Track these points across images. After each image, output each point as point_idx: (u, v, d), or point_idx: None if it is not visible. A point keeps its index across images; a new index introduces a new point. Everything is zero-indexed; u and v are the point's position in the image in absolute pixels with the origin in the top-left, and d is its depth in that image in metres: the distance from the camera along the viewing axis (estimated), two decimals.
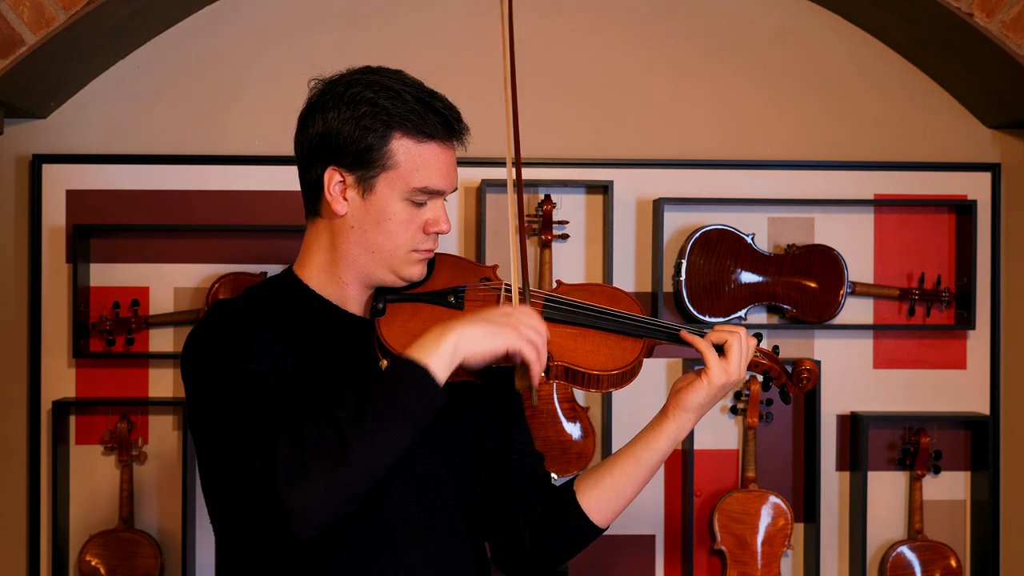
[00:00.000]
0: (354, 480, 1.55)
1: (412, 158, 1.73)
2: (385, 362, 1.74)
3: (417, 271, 1.80)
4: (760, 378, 1.94)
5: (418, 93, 1.75)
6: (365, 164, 1.73)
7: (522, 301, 1.75)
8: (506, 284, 1.85)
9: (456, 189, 1.82)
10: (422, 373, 1.58)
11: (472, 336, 1.62)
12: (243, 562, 1.76)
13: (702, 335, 1.81)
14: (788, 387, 1.92)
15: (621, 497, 1.84)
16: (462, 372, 1.67)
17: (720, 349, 1.79)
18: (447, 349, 1.61)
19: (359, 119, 1.72)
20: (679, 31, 3.18)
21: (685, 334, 1.82)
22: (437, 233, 1.78)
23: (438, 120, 1.75)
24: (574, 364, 1.77)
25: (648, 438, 1.83)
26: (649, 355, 1.85)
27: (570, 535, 1.85)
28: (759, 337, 1.89)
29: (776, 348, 1.93)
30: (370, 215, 1.75)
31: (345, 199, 1.75)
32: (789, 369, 1.92)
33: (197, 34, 3.10)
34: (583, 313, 1.82)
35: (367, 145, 1.72)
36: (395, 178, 1.73)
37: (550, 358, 1.77)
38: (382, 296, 1.80)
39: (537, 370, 1.66)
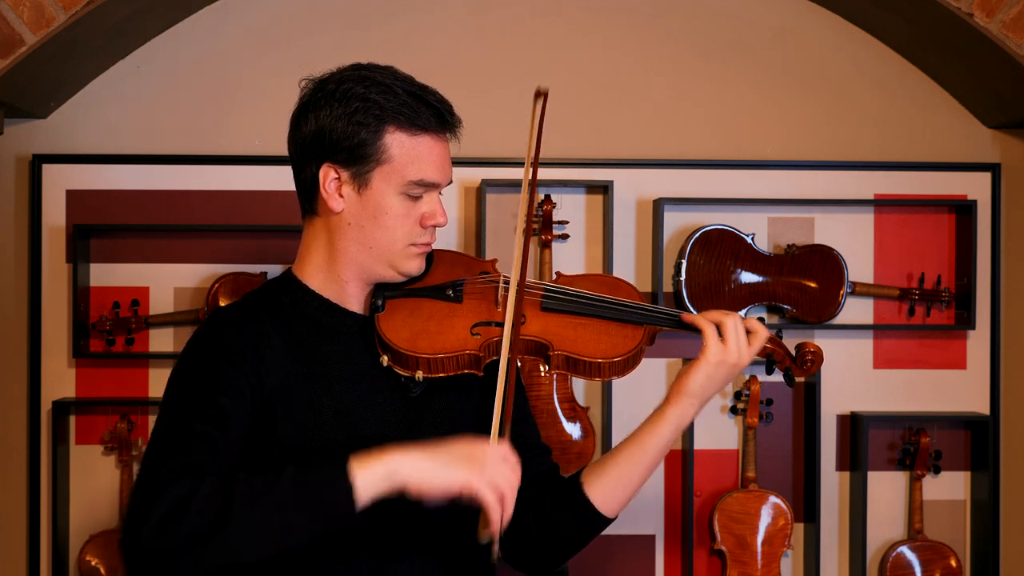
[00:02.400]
0: (216, 553, 1.52)
1: (406, 151, 1.73)
2: (386, 358, 1.75)
3: (416, 265, 1.80)
4: (764, 363, 1.94)
5: (410, 87, 1.75)
6: (359, 159, 1.73)
7: (501, 429, 1.67)
8: (504, 277, 1.85)
9: (451, 182, 1.82)
10: (344, 488, 1.54)
11: (419, 466, 1.56)
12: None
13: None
14: (792, 370, 1.92)
15: (627, 486, 1.84)
16: (416, 497, 1.61)
17: (718, 332, 1.81)
18: (381, 471, 1.55)
19: (351, 115, 1.72)
20: (679, 31, 3.18)
21: (686, 316, 1.83)
22: (434, 226, 1.78)
23: (431, 113, 1.75)
24: (575, 353, 1.77)
25: (651, 425, 1.83)
26: (651, 343, 1.85)
27: (578, 526, 1.85)
28: (761, 322, 1.89)
29: (779, 332, 1.93)
30: (366, 210, 1.75)
31: (341, 196, 1.75)
32: (793, 352, 1.92)
33: (197, 34, 3.11)
34: (582, 302, 1.83)
35: (360, 140, 1.72)
36: (390, 172, 1.73)
37: (550, 347, 1.77)
38: (381, 293, 1.80)
39: (496, 519, 1.57)
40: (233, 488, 1.53)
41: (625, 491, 1.84)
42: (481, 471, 1.57)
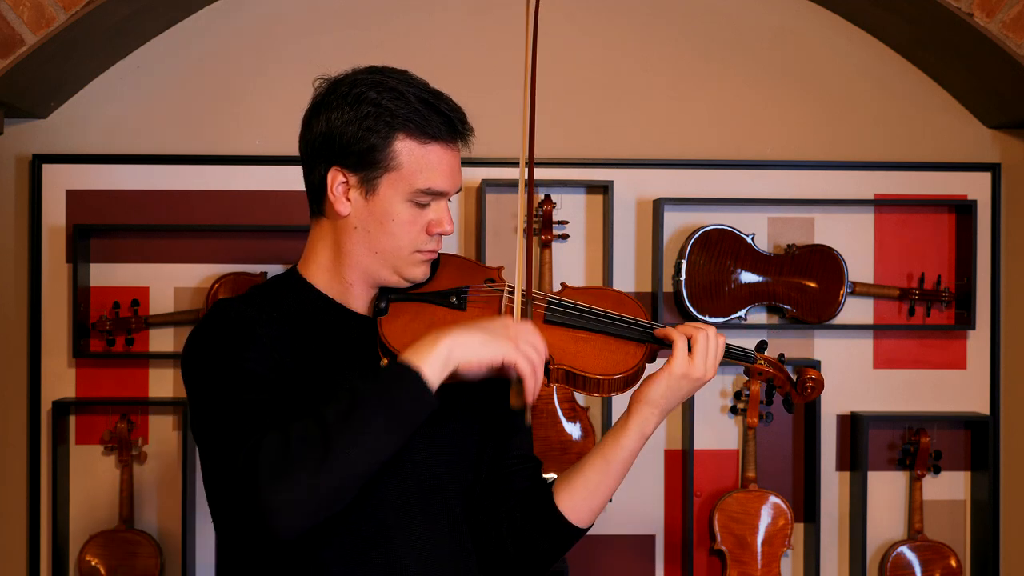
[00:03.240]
0: (336, 480, 1.54)
1: (415, 159, 1.73)
2: (386, 361, 1.74)
3: (420, 272, 1.79)
4: (764, 386, 1.92)
5: (422, 94, 1.74)
6: (368, 165, 1.72)
7: (524, 311, 1.74)
8: (509, 286, 1.84)
9: (460, 190, 1.82)
10: (414, 377, 1.57)
11: (468, 344, 1.61)
12: (243, 561, 1.76)
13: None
14: (792, 396, 1.90)
15: (595, 496, 1.82)
16: (458, 378, 1.67)
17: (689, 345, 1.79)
18: (440, 354, 1.59)
19: (362, 120, 1.71)
20: (679, 31, 3.18)
21: (659, 330, 1.81)
22: (440, 234, 1.78)
23: (442, 121, 1.74)
24: (575, 368, 1.76)
25: (614, 435, 1.82)
26: (652, 360, 1.83)
27: (550, 537, 1.84)
28: (763, 344, 1.88)
29: (781, 356, 1.92)
30: (373, 216, 1.74)
31: (348, 200, 1.75)
32: (794, 377, 1.90)
33: (197, 34, 3.10)
34: (585, 316, 1.81)
35: (370, 146, 1.71)
36: (398, 179, 1.73)
37: (551, 361, 1.76)
38: (385, 295, 1.80)
39: (532, 387, 1.63)
40: (320, 416, 1.56)
41: (593, 500, 1.83)
42: (516, 344, 1.63)
